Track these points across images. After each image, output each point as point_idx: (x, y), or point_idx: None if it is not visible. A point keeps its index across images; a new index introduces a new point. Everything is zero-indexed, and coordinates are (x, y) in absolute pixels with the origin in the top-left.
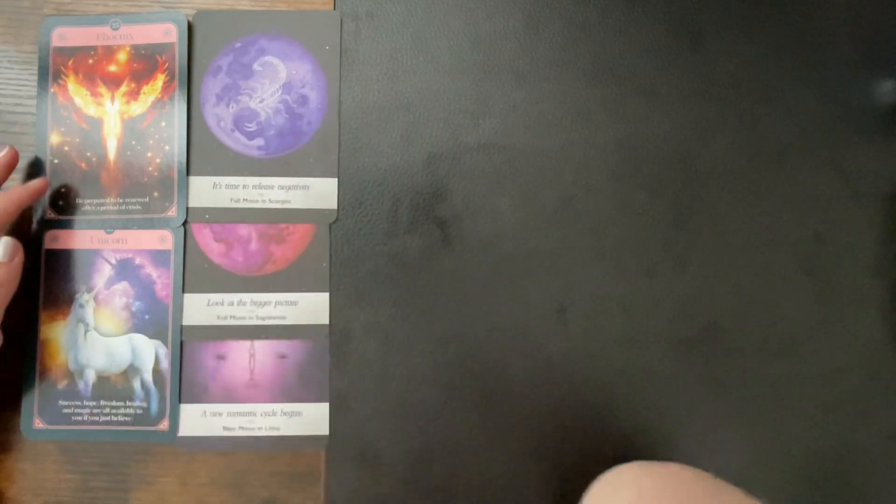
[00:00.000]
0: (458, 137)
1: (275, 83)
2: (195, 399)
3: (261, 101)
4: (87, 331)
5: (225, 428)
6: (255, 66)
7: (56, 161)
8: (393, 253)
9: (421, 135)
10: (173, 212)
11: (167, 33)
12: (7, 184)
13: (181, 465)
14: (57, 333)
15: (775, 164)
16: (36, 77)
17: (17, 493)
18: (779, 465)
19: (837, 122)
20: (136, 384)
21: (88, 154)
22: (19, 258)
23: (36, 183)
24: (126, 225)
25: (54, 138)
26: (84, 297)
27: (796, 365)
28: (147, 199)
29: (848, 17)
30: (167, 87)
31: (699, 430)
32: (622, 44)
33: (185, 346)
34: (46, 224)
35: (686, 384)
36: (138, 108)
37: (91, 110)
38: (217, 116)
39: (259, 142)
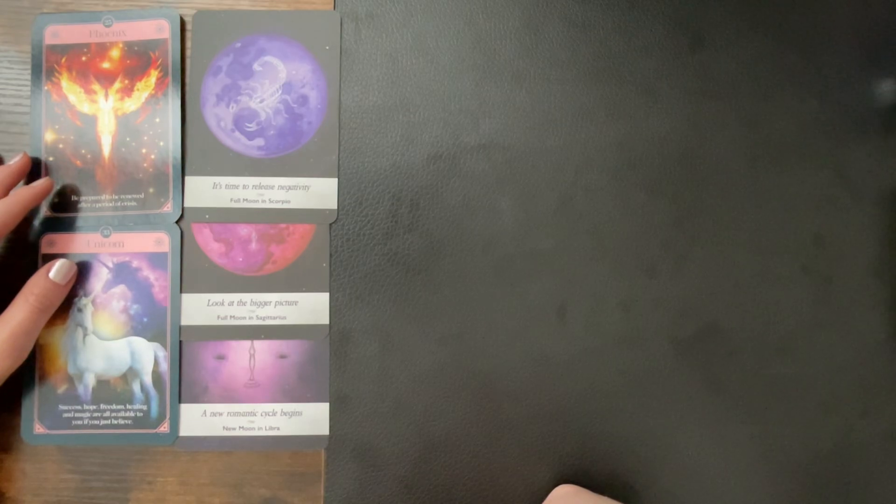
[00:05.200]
0: (458, 137)
1: (275, 83)
2: (195, 399)
3: (261, 101)
4: (85, 335)
5: (225, 428)
6: (255, 66)
7: (51, 159)
8: (393, 253)
9: (421, 135)
10: (169, 207)
11: (160, 29)
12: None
13: (181, 465)
14: (55, 338)
15: (775, 164)
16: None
17: (17, 494)
18: (779, 465)
19: (837, 122)
20: (136, 387)
21: (83, 151)
22: (72, 281)
23: (41, 183)
24: (122, 222)
25: (49, 136)
26: (82, 301)
27: (796, 365)
28: (142, 196)
29: (848, 17)
30: (161, 83)
31: (699, 430)
32: (622, 44)
33: (185, 346)
34: (43, 222)
35: (686, 384)
36: (132, 104)
37: (85, 107)
38: (217, 116)
39: (259, 142)
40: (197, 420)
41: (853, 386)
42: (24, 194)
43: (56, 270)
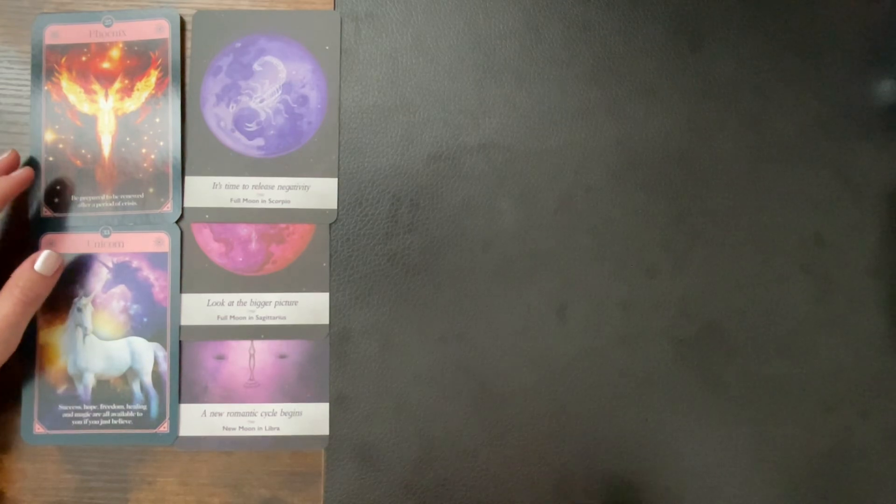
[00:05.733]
0: (458, 137)
1: (275, 83)
2: (195, 399)
3: (261, 101)
4: (85, 335)
5: (225, 428)
6: (255, 66)
7: (51, 159)
8: (393, 253)
9: (421, 135)
10: (168, 207)
11: (160, 29)
12: None
13: (181, 465)
14: (55, 338)
15: (775, 164)
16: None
17: (16, 494)
18: (779, 465)
19: (837, 122)
20: (136, 387)
21: (83, 151)
22: (59, 272)
23: (20, 173)
24: (122, 222)
25: (49, 136)
26: (82, 301)
27: (796, 365)
28: (142, 196)
29: (848, 17)
30: (161, 83)
31: (699, 430)
32: (622, 44)
33: (185, 346)
34: (43, 222)
35: (686, 384)
36: (132, 104)
37: (85, 107)
38: (217, 116)
39: (259, 142)
40: (197, 420)
41: (853, 386)
42: (2, 184)
43: (42, 262)
